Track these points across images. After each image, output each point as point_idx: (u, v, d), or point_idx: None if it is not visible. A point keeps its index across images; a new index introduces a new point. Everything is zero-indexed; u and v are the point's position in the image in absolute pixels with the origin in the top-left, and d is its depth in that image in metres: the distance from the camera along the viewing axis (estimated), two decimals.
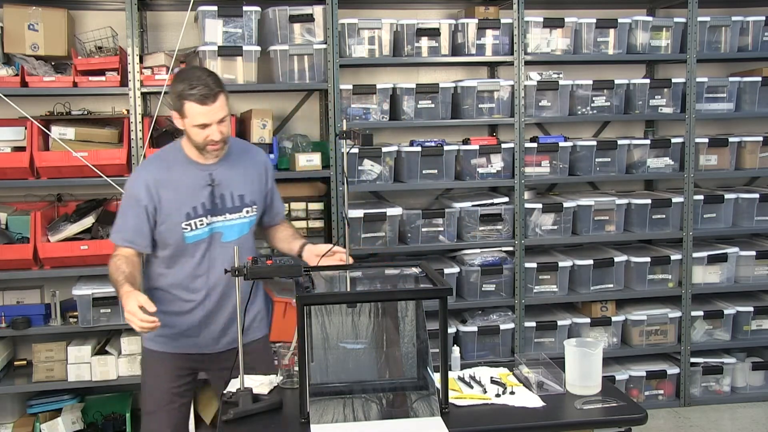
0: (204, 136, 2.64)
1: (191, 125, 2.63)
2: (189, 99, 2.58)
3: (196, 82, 2.58)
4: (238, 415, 2.49)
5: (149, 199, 2.69)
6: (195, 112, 2.59)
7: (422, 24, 4.40)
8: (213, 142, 2.65)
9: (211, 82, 2.60)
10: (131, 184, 2.75)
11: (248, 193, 2.82)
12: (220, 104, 2.61)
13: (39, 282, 4.28)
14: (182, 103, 2.60)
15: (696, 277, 4.71)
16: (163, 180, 2.71)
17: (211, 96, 2.59)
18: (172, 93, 2.65)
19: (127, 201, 2.73)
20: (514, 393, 2.67)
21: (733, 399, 4.76)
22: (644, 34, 4.59)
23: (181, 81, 2.62)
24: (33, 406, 4.18)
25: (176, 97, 2.62)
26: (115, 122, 4.25)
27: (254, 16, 4.20)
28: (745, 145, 4.77)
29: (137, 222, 2.71)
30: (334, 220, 4.27)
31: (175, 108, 2.64)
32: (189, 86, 2.58)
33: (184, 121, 2.64)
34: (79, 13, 4.36)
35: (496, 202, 4.51)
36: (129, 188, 2.75)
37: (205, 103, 2.58)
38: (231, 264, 2.67)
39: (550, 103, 4.54)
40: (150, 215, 2.70)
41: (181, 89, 2.59)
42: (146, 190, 2.69)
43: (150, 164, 2.79)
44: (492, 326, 4.45)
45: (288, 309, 4.06)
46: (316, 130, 4.71)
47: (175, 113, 2.66)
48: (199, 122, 2.61)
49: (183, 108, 2.61)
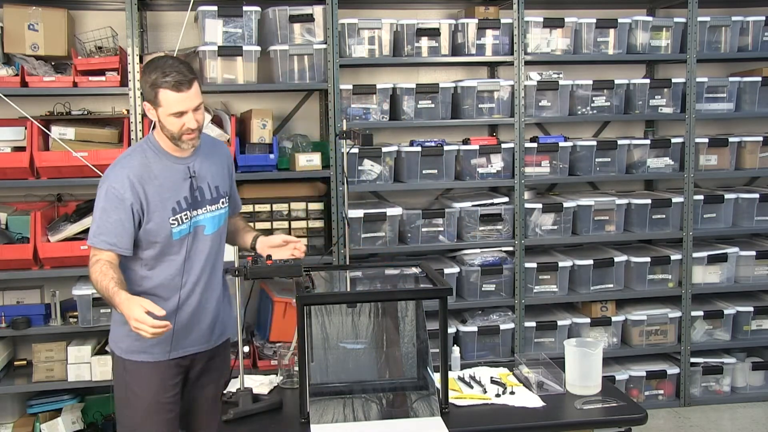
0: (180, 125, 2.55)
1: (166, 114, 2.54)
2: (163, 86, 2.50)
3: (169, 69, 2.51)
4: (238, 415, 2.49)
5: (135, 196, 2.56)
6: (170, 100, 2.51)
7: (422, 24, 4.40)
8: (189, 130, 2.56)
9: (184, 69, 2.54)
10: (112, 181, 2.58)
11: (221, 185, 2.76)
12: (195, 91, 2.55)
13: (39, 282, 4.28)
14: (156, 91, 2.51)
15: (696, 277, 4.71)
16: (144, 175, 2.59)
17: (186, 82, 2.52)
18: (144, 83, 2.56)
19: (108, 200, 2.56)
20: (514, 393, 2.67)
21: (733, 399, 4.76)
22: (644, 34, 4.59)
23: (153, 70, 2.53)
24: (33, 406, 4.18)
25: (149, 87, 2.52)
26: (115, 122, 4.24)
27: (254, 16, 4.20)
28: (745, 145, 4.77)
29: (121, 222, 2.55)
30: (334, 220, 4.27)
31: (148, 98, 2.55)
32: (162, 74, 2.50)
33: (158, 111, 2.55)
34: (79, 13, 4.36)
35: (496, 202, 4.51)
36: (110, 186, 2.57)
37: (180, 90, 2.51)
38: (211, 256, 2.67)
39: (550, 103, 4.54)
40: (136, 213, 2.57)
41: (155, 78, 2.51)
42: (131, 187, 2.56)
43: (128, 160, 2.63)
44: (492, 326, 4.45)
45: (288, 309, 4.07)
46: (316, 130, 4.71)
47: (148, 104, 2.57)
48: (174, 110, 2.52)
49: (157, 97, 2.52)
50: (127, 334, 2.54)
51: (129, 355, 2.66)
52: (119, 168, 2.60)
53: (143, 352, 2.64)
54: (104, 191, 2.58)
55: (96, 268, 2.52)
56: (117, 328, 2.69)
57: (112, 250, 2.55)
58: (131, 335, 2.48)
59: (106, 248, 2.55)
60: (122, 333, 2.63)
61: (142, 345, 2.61)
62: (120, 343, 2.68)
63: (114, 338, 2.71)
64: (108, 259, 2.54)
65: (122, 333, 2.63)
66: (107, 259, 2.54)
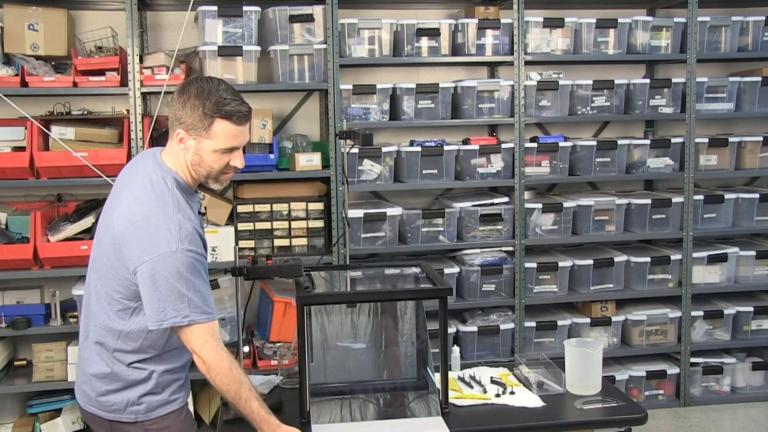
0: (224, 163, 2.19)
1: (214, 149, 2.15)
2: (224, 117, 2.12)
3: (229, 98, 2.13)
4: (238, 415, 2.49)
5: (202, 247, 2.19)
6: (227, 133, 2.13)
7: (422, 24, 4.39)
8: (233, 169, 2.23)
9: (242, 99, 2.18)
10: (181, 234, 2.09)
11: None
12: (249, 126, 2.22)
13: (39, 282, 4.28)
14: (212, 120, 2.12)
15: (696, 277, 4.71)
16: (194, 220, 2.18)
17: (247, 115, 2.17)
18: (187, 107, 2.13)
19: (188, 258, 2.08)
20: (514, 393, 2.67)
21: (733, 399, 4.76)
22: (644, 34, 4.59)
23: (207, 94, 2.12)
24: (33, 406, 4.18)
25: (202, 113, 2.11)
26: (115, 122, 4.24)
27: (254, 16, 4.20)
28: (745, 145, 4.77)
29: (206, 281, 2.16)
30: (334, 220, 4.27)
31: (195, 126, 2.13)
32: (222, 101, 2.12)
33: (203, 143, 2.15)
34: (79, 13, 4.36)
35: (496, 202, 4.51)
36: (185, 251, 2.08)
37: (242, 124, 2.16)
38: None
39: (550, 103, 4.54)
40: (206, 267, 2.21)
41: (213, 103, 2.11)
42: (200, 237, 2.18)
43: (177, 200, 2.16)
44: (492, 326, 4.45)
45: (288, 309, 4.07)
46: (316, 130, 4.71)
47: (188, 133, 2.14)
48: (228, 145, 2.15)
49: (211, 127, 2.12)
50: (149, 391, 2.21)
51: (151, 413, 2.23)
52: (176, 213, 2.12)
53: (167, 403, 2.25)
54: (179, 258, 2.07)
55: (232, 368, 2.12)
56: (125, 393, 2.22)
57: (212, 320, 2.14)
58: (151, 389, 2.21)
59: (212, 320, 2.13)
60: (136, 394, 2.21)
61: (164, 396, 2.25)
62: (134, 406, 2.22)
63: (121, 405, 2.22)
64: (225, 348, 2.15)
65: (136, 394, 2.21)
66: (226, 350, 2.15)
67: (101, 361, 2.21)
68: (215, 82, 2.17)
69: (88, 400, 2.27)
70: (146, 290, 2.08)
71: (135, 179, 2.21)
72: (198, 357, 2.12)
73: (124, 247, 2.11)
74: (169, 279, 2.05)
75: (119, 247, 2.13)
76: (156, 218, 2.10)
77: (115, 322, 2.18)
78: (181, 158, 2.20)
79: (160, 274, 2.06)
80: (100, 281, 2.21)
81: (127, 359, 2.20)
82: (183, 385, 2.33)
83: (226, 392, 2.14)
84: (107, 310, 2.19)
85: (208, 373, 2.12)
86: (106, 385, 2.21)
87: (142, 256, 2.07)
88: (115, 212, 2.18)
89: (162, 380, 2.23)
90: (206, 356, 2.10)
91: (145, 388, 2.21)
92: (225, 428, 2.46)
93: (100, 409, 2.23)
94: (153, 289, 2.07)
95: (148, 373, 2.21)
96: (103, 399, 2.22)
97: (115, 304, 2.17)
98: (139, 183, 2.18)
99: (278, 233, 4.28)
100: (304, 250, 4.31)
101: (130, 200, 2.16)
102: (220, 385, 2.13)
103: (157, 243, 2.07)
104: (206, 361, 2.11)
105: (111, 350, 2.20)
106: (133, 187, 2.19)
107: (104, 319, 2.20)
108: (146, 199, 2.14)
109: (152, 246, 2.07)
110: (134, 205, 2.14)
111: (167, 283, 2.06)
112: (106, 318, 2.19)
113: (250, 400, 2.16)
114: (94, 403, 2.24)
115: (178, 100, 2.16)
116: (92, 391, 2.24)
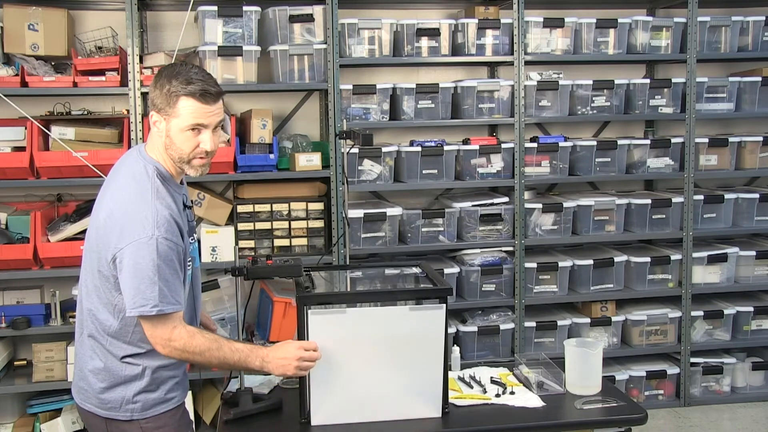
0: (193, 145, 2.20)
1: (181, 128, 2.18)
2: (186, 94, 2.16)
3: (196, 77, 2.17)
4: (238, 415, 2.49)
5: (179, 236, 2.19)
6: (191, 110, 2.16)
7: (422, 24, 4.40)
8: (203, 153, 2.22)
9: (211, 80, 2.22)
10: (158, 221, 2.11)
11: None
12: (219, 107, 2.22)
13: (39, 282, 4.28)
14: (176, 99, 2.16)
15: (696, 277, 4.71)
16: (173, 209, 2.20)
17: (214, 95, 2.19)
18: (158, 89, 2.18)
19: (161, 253, 2.10)
20: (514, 393, 2.67)
21: (733, 399, 4.76)
22: (644, 34, 4.59)
23: (174, 76, 2.17)
24: (33, 406, 4.18)
25: (166, 93, 2.16)
26: (115, 122, 4.25)
27: (254, 16, 4.20)
28: (745, 145, 4.77)
29: (178, 272, 2.17)
30: (334, 220, 4.27)
31: (161, 106, 2.18)
32: (186, 81, 2.16)
33: (171, 122, 2.18)
34: (79, 13, 4.36)
35: (496, 202, 4.51)
36: (160, 238, 2.10)
37: (206, 101, 2.18)
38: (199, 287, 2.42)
39: (550, 103, 4.54)
40: (181, 258, 2.20)
41: (176, 83, 2.16)
42: (177, 227, 2.18)
43: (157, 187, 2.19)
44: (492, 326, 4.45)
45: (288, 309, 4.07)
46: (316, 130, 4.71)
47: (158, 114, 2.20)
48: (193, 122, 2.17)
49: (176, 105, 2.16)
50: (144, 389, 2.22)
51: (146, 411, 2.23)
52: (153, 200, 2.15)
53: (162, 402, 2.26)
54: (153, 244, 2.09)
55: (196, 340, 2.16)
56: (120, 390, 2.23)
57: (181, 310, 2.17)
58: (146, 386, 2.22)
59: (179, 310, 2.16)
60: (131, 392, 2.22)
61: (160, 395, 2.25)
62: (130, 404, 2.22)
63: (117, 402, 2.23)
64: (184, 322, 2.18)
65: (131, 392, 2.22)
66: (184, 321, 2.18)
67: (95, 356, 2.24)
68: (188, 66, 2.23)
69: (86, 397, 2.28)
70: (123, 277, 2.12)
71: (120, 174, 2.27)
72: (170, 343, 2.15)
73: (105, 237, 2.15)
74: (143, 266, 2.08)
75: (101, 238, 2.17)
76: (134, 206, 2.14)
77: (104, 315, 2.22)
78: (159, 144, 2.24)
79: (135, 261, 2.09)
80: (89, 276, 2.25)
81: (119, 353, 2.22)
82: (179, 383, 2.33)
83: (209, 356, 2.18)
84: (96, 303, 2.23)
85: (184, 352, 2.16)
86: (101, 382, 2.23)
87: (119, 243, 2.10)
88: (100, 208, 2.23)
89: (156, 377, 2.25)
90: (179, 337, 2.15)
91: (140, 385, 2.23)
92: (225, 428, 2.46)
93: (97, 407, 2.25)
94: (128, 276, 2.10)
95: (141, 369, 2.23)
96: (101, 396, 2.24)
97: (102, 296, 2.21)
98: (123, 176, 2.24)
99: (278, 233, 4.28)
100: (304, 250, 4.31)
101: (114, 194, 2.21)
102: (204, 352, 2.17)
103: (133, 229, 2.10)
104: (180, 342, 2.15)
105: (103, 344, 2.23)
106: (117, 182, 2.24)
107: (95, 313, 2.24)
108: (127, 189, 2.19)
109: (129, 232, 2.10)
110: (116, 196, 2.19)
111: (141, 270, 2.08)
112: (96, 311, 2.23)
113: (231, 343, 2.22)
114: (92, 400, 2.26)
115: (152, 84, 2.22)
116: (89, 387, 2.26)
